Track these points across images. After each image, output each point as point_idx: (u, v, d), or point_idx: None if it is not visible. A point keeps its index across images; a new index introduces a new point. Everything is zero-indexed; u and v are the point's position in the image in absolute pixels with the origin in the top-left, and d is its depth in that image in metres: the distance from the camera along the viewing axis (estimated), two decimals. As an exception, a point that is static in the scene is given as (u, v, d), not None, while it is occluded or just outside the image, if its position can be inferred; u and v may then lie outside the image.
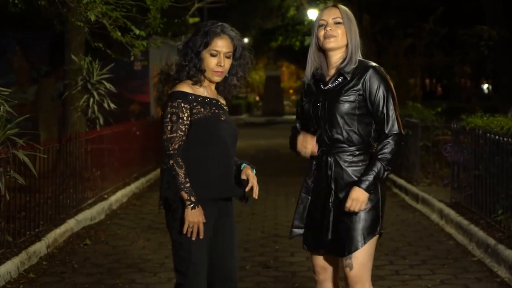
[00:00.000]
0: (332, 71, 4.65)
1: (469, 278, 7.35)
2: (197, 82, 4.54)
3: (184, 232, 4.39)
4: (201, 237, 4.40)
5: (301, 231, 4.72)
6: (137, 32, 9.74)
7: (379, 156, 4.46)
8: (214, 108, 4.54)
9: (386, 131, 4.49)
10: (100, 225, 10.20)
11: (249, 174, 4.58)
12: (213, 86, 4.65)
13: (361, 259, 4.51)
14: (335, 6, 4.66)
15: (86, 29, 9.80)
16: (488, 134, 8.77)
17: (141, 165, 14.88)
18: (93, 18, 8.97)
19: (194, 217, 4.37)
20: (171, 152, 4.40)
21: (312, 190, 4.69)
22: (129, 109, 23.06)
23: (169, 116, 4.45)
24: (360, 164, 4.55)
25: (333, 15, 4.61)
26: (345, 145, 4.55)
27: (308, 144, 4.65)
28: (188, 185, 4.37)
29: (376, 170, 4.44)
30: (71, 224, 9.44)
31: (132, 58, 10.21)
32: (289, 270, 7.74)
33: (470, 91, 31.88)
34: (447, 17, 23.79)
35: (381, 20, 25.22)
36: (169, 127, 4.43)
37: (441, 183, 12.03)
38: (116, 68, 12.96)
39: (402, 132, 4.52)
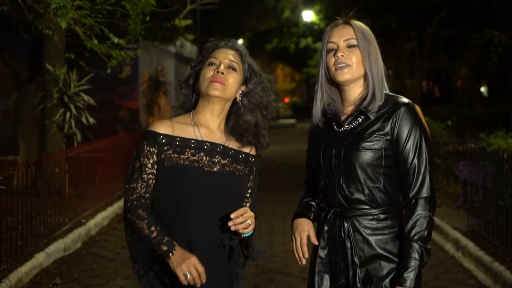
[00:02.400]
0: (350, 108, 3.55)
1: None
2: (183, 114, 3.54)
3: (186, 283, 3.26)
4: (203, 280, 3.26)
5: None
6: (116, 40, 8.61)
7: (415, 236, 3.33)
8: (201, 154, 3.43)
9: (413, 193, 3.38)
10: (75, 257, 9.08)
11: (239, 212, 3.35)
12: (216, 124, 3.52)
13: None
14: (347, 22, 3.54)
15: (57, 38, 8.70)
16: (515, 160, 7.69)
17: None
18: (64, 25, 7.86)
19: (180, 261, 3.24)
20: (128, 204, 3.42)
21: (329, 264, 3.55)
22: (117, 116, 22.10)
23: (132, 161, 3.50)
24: (387, 231, 3.44)
25: (345, 35, 3.50)
26: (367, 207, 3.43)
27: (303, 247, 3.55)
28: (155, 234, 3.29)
29: (417, 258, 3.30)
30: (40, 259, 8.32)
31: (108, 71, 9.09)
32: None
33: (470, 93, 30.95)
34: (452, 19, 22.86)
35: (381, 20, 24.25)
36: (129, 175, 3.48)
37: (453, 204, 11.05)
38: (105, 69, 11.90)
39: (435, 196, 3.42)
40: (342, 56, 3.46)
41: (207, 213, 3.39)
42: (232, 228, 3.28)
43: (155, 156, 3.43)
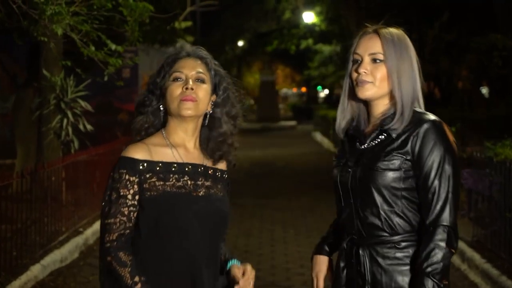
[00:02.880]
0: (376, 124, 3.23)
1: None
2: (141, 139, 3.17)
3: None
4: None
5: None
6: (113, 47, 8.41)
7: (428, 269, 2.98)
8: (185, 178, 3.11)
9: (430, 220, 3.04)
10: (72, 268, 8.87)
11: (239, 273, 3.14)
12: (192, 143, 3.19)
13: None
14: (376, 32, 3.20)
15: (53, 45, 8.50)
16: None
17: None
18: (60, 32, 7.65)
19: None
20: (107, 245, 3.04)
21: None
22: (117, 118, 21.98)
23: (108, 193, 3.09)
24: (408, 261, 3.09)
25: (371, 48, 3.17)
26: (385, 234, 3.11)
27: (319, 280, 3.33)
28: (138, 286, 2.96)
29: None
30: (35, 272, 8.10)
31: (105, 78, 8.89)
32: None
33: (471, 95, 30.80)
34: (453, 22, 22.69)
35: (382, 22, 24.11)
36: (106, 209, 3.07)
37: (458, 213, 10.84)
38: (102, 75, 11.71)
39: (456, 227, 3.07)
40: (365, 72, 3.16)
41: (200, 243, 3.09)
42: None
43: (135, 186, 3.06)
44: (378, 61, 3.16)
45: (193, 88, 3.10)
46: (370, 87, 3.16)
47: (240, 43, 50.23)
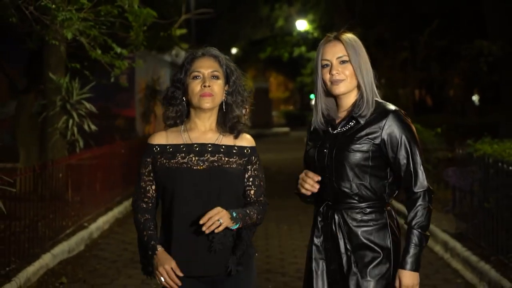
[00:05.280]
0: (344, 113, 3.97)
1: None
2: (174, 125, 3.95)
3: (162, 284, 3.71)
4: (177, 284, 3.70)
5: None
6: (119, 50, 8.99)
7: (416, 225, 3.78)
8: (191, 155, 3.85)
9: (415, 190, 3.81)
10: (79, 259, 9.44)
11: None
12: (207, 126, 3.92)
13: None
14: (337, 38, 3.93)
15: (63, 48, 9.07)
16: (500, 164, 8.06)
17: (124, 188, 14.06)
18: (69, 36, 8.23)
19: (158, 265, 3.71)
20: (132, 209, 4.01)
21: (324, 251, 3.97)
22: (114, 124, 22.33)
23: (137, 171, 4.02)
24: (372, 224, 3.86)
25: (337, 53, 3.91)
26: (354, 201, 3.87)
27: (307, 180, 3.90)
28: (145, 238, 3.84)
29: (417, 243, 3.76)
30: (46, 260, 8.68)
31: (112, 80, 9.47)
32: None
33: (463, 103, 31.34)
34: (443, 30, 23.20)
35: (375, 30, 24.58)
36: (135, 183, 4.02)
37: (443, 209, 11.41)
38: (105, 79, 12.23)
39: (431, 187, 3.85)
40: (337, 73, 3.87)
41: (200, 207, 3.75)
42: (206, 232, 3.65)
43: (150, 166, 3.90)
44: (345, 62, 3.89)
45: (210, 85, 3.83)
46: (343, 84, 3.90)
47: (234, 51, 50.72)
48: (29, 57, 15.21)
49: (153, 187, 3.91)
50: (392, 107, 3.91)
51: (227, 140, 3.92)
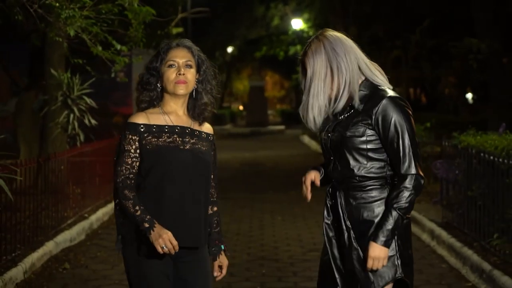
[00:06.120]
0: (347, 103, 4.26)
1: (464, 306, 7.06)
2: (152, 106, 4.25)
3: (162, 253, 4.04)
4: (176, 250, 4.06)
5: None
6: (119, 47, 9.39)
7: (395, 205, 3.98)
8: (175, 136, 4.18)
9: (402, 172, 4.01)
10: (80, 247, 9.84)
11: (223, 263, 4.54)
12: (181, 111, 4.29)
13: None
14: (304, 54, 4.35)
15: (66, 45, 9.47)
16: (482, 154, 8.48)
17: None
18: (72, 33, 8.62)
19: (157, 236, 4.00)
20: (116, 186, 4.13)
21: (334, 229, 4.25)
22: (112, 122, 22.66)
23: (117, 149, 4.21)
24: (370, 200, 4.11)
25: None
26: (355, 181, 4.12)
27: (303, 187, 4.30)
28: (138, 213, 4.03)
29: (391, 221, 3.98)
30: (50, 247, 9.08)
31: (112, 75, 9.87)
32: (277, 298, 7.43)
33: (456, 101, 31.71)
34: (435, 28, 23.56)
35: (369, 30, 24.96)
36: (116, 160, 4.19)
37: (431, 200, 11.80)
38: (99, 79, 12.63)
39: (420, 173, 4.02)
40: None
41: (192, 190, 4.16)
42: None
43: (137, 143, 4.12)
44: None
45: (184, 73, 4.18)
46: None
47: (230, 50, 51.05)
48: (30, 56, 15.62)
49: (138, 164, 4.14)
50: (389, 92, 4.10)
51: (196, 126, 4.30)
